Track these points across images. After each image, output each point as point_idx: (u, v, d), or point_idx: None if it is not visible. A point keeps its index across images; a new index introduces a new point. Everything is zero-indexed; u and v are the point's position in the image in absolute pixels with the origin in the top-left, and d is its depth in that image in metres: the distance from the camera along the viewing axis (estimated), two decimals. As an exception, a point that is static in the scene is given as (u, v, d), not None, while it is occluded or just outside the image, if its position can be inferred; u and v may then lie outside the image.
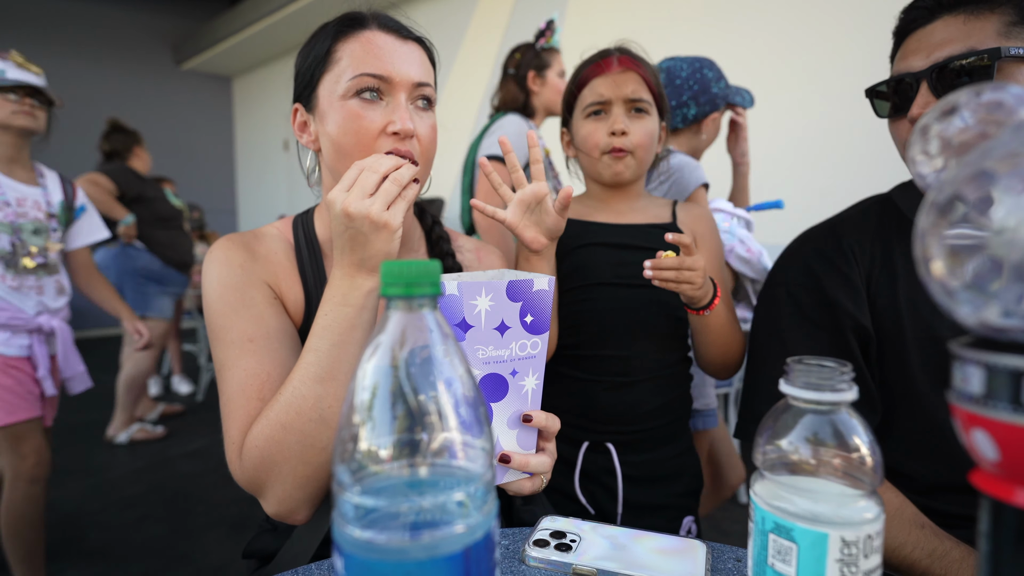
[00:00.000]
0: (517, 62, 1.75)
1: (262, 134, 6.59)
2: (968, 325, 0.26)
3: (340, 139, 0.65)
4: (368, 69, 0.65)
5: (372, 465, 0.29)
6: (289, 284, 0.71)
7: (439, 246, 0.83)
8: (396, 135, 0.65)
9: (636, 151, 0.90)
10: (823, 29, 2.75)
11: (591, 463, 0.91)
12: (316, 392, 0.57)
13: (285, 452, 0.58)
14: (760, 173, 2.98)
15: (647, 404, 0.91)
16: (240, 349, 0.63)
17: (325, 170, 0.71)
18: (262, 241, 0.72)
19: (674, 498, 0.93)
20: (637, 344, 0.91)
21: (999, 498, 0.25)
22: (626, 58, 0.91)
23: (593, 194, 0.99)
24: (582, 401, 0.92)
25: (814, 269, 0.74)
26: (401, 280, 0.30)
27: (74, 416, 3.25)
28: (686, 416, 0.98)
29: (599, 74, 0.91)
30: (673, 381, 0.94)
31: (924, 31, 0.67)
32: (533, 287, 0.58)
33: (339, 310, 0.59)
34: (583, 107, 0.92)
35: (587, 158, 0.93)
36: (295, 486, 0.59)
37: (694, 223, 0.97)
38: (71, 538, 1.94)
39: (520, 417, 0.62)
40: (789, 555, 0.33)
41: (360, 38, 0.67)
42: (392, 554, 0.28)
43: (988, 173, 0.24)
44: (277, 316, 0.67)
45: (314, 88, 0.68)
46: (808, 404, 0.33)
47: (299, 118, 0.72)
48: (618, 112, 0.89)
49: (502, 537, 0.58)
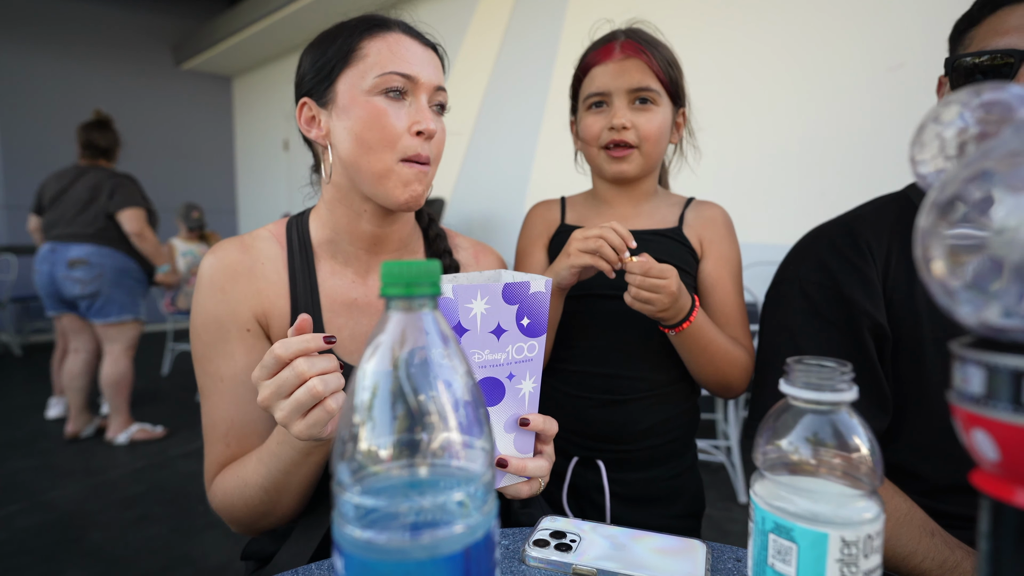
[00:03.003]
0: None
1: (262, 134, 6.59)
2: (968, 325, 0.26)
3: (364, 134, 0.66)
4: (397, 68, 0.67)
5: (372, 465, 0.29)
6: (274, 296, 0.71)
7: (436, 245, 0.83)
8: (420, 135, 0.67)
9: (643, 145, 0.83)
10: (823, 29, 2.75)
11: (580, 478, 0.88)
12: (263, 497, 0.63)
13: (239, 515, 0.66)
14: (760, 173, 2.99)
15: (640, 423, 0.85)
16: (213, 385, 0.69)
17: (338, 165, 0.71)
18: (251, 250, 0.72)
19: (670, 520, 0.87)
20: (628, 362, 0.85)
21: (999, 498, 0.25)
22: (630, 43, 0.83)
23: (599, 192, 0.93)
24: (572, 415, 0.87)
25: (829, 266, 0.71)
26: (401, 280, 0.30)
27: (74, 416, 3.25)
28: (690, 434, 0.91)
29: (600, 62, 0.84)
30: (670, 400, 0.87)
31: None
32: (530, 289, 0.57)
33: (288, 448, 0.60)
34: (584, 97, 0.86)
35: (588, 151, 0.89)
36: (253, 529, 0.69)
37: (703, 227, 0.88)
38: (71, 538, 1.94)
39: (517, 421, 0.61)
40: (789, 555, 0.33)
41: (387, 38, 0.68)
42: (392, 554, 0.28)
43: (989, 173, 0.24)
44: (247, 353, 0.69)
45: (332, 82, 0.69)
46: (808, 404, 0.33)
47: (307, 112, 0.71)
48: (620, 104, 0.82)
49: (502, 537, 0.58)
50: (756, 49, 2.96)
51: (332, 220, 0.74)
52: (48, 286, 2.75)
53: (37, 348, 5.33)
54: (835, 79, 2.70)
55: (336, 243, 0.75)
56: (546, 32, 3.86)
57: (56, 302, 2.79)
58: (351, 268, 0.76)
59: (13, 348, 5.12)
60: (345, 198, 0.73)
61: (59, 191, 2.77)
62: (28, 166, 5.30)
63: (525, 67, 4.00)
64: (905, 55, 2.44)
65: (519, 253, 0.97)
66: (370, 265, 0.77)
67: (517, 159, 4.02)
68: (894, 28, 2.47)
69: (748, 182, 3.04)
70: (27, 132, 5.50)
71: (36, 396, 3.71)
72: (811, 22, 2.78)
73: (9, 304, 5.02)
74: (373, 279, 0.77)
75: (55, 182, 2.80)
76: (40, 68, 5.60)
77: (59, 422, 3.11)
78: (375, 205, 0.73)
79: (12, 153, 5.44)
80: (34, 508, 2.14)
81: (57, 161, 3.66)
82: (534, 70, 3.90)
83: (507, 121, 4.12)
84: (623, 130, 0.82)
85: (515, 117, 4.05)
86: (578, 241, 0.74)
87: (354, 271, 0.76)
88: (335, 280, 0.75)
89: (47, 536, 1.95)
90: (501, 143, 4.16)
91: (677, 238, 0.88)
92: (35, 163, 5.29)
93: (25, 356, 5.02)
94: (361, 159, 0.67)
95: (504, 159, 4.13)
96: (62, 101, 5.69)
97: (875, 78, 2.56)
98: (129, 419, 2.89)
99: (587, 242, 0.72)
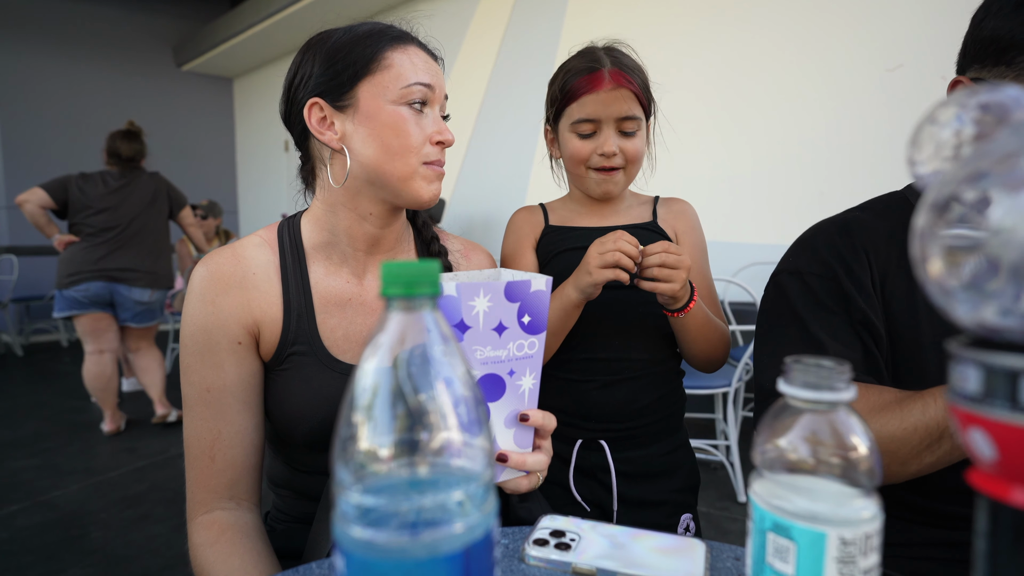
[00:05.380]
0: None
1: (263, 135, 6.59)
2: (965, 325, 0.26)
3: (391, 141, 0.69)
4: (423, 79, 0.70)
5: (372, 464, 0.29)
6: (265, 304, 0.71)
7: (431, 246, 0.83)
8: (441, 144, 0.72)
9: (628, 167, 0.90)
10: (822, 30, 2.75)
11: (585, 460, 0.92)
12: None
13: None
14: (758, 174, 2.99)
15: (639, 401, 0.91)
16: (198, 396, 0.68)
17: (355, 168, 0.71)
18: (242, 260, 0.72)
19: (671, 494, 0.93)
20: (625, 345, 0.90)
21: (996, 497, 0.25)
22: (617, 72, 0.87)
23: (576, 198, 0.99)
24: (573, 400, 0.92)
25: (828, 261, 0.72)
26: (401, 280, 0.30)
27: (75, 415, 3.26)
28: (680, 412, 0.98)
29: (589, 91, 0.87)
30: (664, 378, 0.93)
31: None
32: (531, 287, 0.58)
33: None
34: (571, 121, 0.89)
35: (574, 170, 0.93)
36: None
37: (675, 219, 0.96)
38: (72, 537, 1.94)
39: (517, 416, 0.62)
40: (787, 554, 0.33)
41: (408, 50, 0.71)
42: (392, 553, 0.28)
43: (985, 173, 0.24)
44: (237, 366, 0.69)
45: (351, 88, 0.69)
46: (806, 404, 0.33)
47: (318, 113, 0.71)
48: (609, 132, 0.87)
49: (501, 536, 0.58)
50: (754, 49, 2.96)
51: (331, 222, 0.75)
52: (101, 289, 2.80)
53: (38, 348, 5.34)
54: (833, 80, 2.70)
55: (333, 244, 0.75)
56: (546, 33, 3.86)
57: (92, 304, 2.81)
58: (347, 268, 0.76)
59: (14, 348, 5.13)
60: (352, 201, 0.73)
61: (106, 193, 2.83)
62: (29, 167, 5.31)
63: (525, 68, 4.01)
64: (904, 56, 2.44)
65: (506, 256, 0.99)
66: (367, 264, 0.77)
67: (517, 160, 4.02)
68: (893, 29, 2.47)
69: (746, 183, 3.04)
70: (28, 133, 5.51)
71: (37, 396, 3.72)
72: (810, 23, 2.78)
73: (10, 304, 5.03)
74: (368, 278, 0.78)
75: (99, 185, 2.84)
76: (41, 69, 5.61)
77: (65, 421, 3.12)
78: (383, 208, 0.74)
79: (12, 154, 5.44)
80: (35, 507, 2.15)
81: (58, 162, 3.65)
82: (534, 71, 3.90)
83: (507, 122, 4.12)
84: (612, 156, 0.88)
85: (515, 118, 4.06)
86: (596, 257, 0.78)
87: (350, 270, 0.76)
88: (330, 280, 0.75)
89: (48, 535, 1.95)
90: (501, 144, 4.16)
91: (655, 230, 0.95)
92: (36, 164, 5.30)
93: (26, 356, 5.03)
94: (386, 164, 0.69)
95: (504, 160, 4.13)
96: (63, 102, 5.70)
97: (873, 79, 2.56)
98: (117, 413, 2.99)
99: (605, 257, 0.77)
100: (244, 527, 0.67)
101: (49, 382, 4.10)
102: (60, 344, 5.54)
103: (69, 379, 4.08)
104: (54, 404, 3.49)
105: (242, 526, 0.67)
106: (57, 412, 3.32)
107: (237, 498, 0.69)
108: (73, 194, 2.79)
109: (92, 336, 2.85)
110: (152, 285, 2.92)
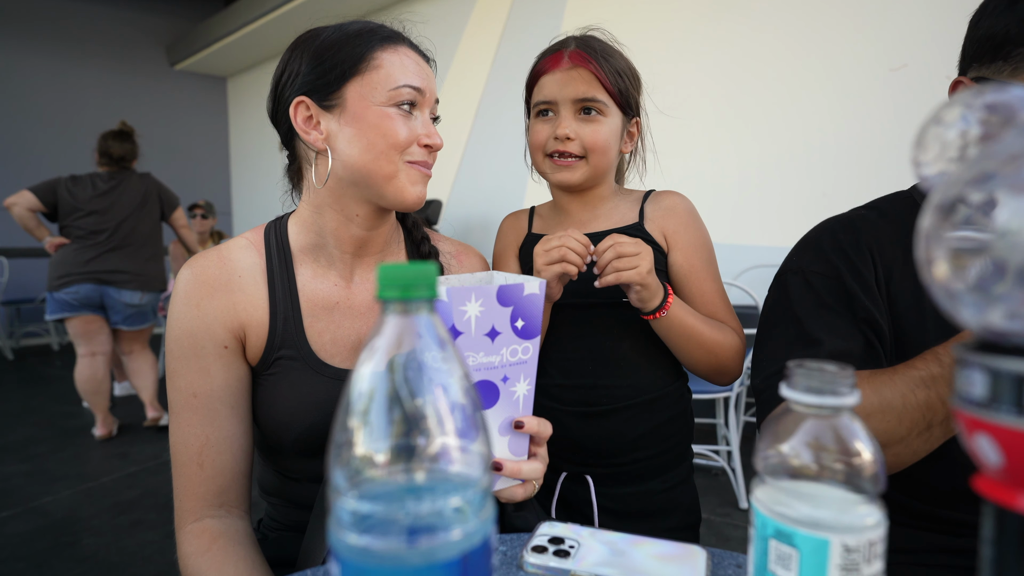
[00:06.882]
0: None
1: (257, 135, 6.57)
2: (971, 328, 0.26)
3: (377, 141, 0.68)
4: (412, 82, 0.69)
5: (368, 470, 0.29)
6: (251, 308, 0.71)
7: (421, 247, 0.82)
8: (428, 147, 0.71)
9: (590, 156, 0.83)
10: (826, 30, 2.76)
11: (570, 492, 0.86)
12: None
13: None
14: (762, 175, 2.99)
15: (626, 435, 0.83)
16: (185, 401, 0.67)
17: (339, 169, 0.70)
18: (228, 263, 0.71)
19: (664, 533, 0.84)
20: (604, 371, 0.83)
21: (1003, 504, 0.25)
22: (578, 53, 0.82)
23: (557, 200, 0.93)
24: (555, 431, 0.84)
25: (833, 260, 0.72)
26: (398, 283, 0.30)
27: (66, 420, 3.23)
28: (684, 443, 0.89)
29: (549, 70, 0.83)
30: (656, 408, 0.84)
31: None
32: (524, 291, 0.57)
33: None
34: (533, 104, 0.86)
35: (534, 158, 0.88)
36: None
37: (664, 218, 0.87)
38: (63, 543, 1.92)
39: (512, 423, 0.61)
40: (790, 561, 0.32)
41: (399, 51, 0.70)
42: (389, 560, 0.27)
43: (992, 175, 0.24)
44: (224, 370, 0.68)
45: (339, 87, 0.68)
46: (809, 409, 0.33)
47: (304, 112, 0.69)
48: (565, 114, 0.82)
49: (500, 543, 0.58)
50: (757, 50, 2.96)
51: (318, 224, 0.73)
52: (91, 291, 2.78)
53: (29, 352, 5.29)
54: (838, 80, 2.70)
55: (320, 247, 0.74)
56: (544, 33, 3.84)
57: (82, 307, 2.78)
58: (335, 271, 0.75)
59: (5, 352, 5.07)
60: (337, 202, 0.72)
61: (95, 195, 2.80)
62: (19, 168, 5.25)
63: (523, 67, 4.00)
64: (908, 56, 2.44)
65: (494, 263, 0.97)
66: (354, 267, 0.76)
67: (515, 160, 4.00)
68: (897, 29, 2.47)
69: (750, 184, 3.04)
70: (17, 133, 5.45)
71: (28, 400, 3.68)
72: (814, 23, 2.78)
73: (0, 307, 4.98)
74: (356, 281, 0.77)
75: (88, 187, 2.81)
76: (33, 68, 5.57)
77: (56, 426, 3.09)
78: (369, 209, 0.72)
79: (3, 153, 5.39)
80: (26, 514, 2.12)
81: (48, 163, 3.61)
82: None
83: (504, 122, 4.12)
84: (567, 140, 0.82)
85: (512, 118, 4.04)
86: (541, 256, 0.75)
87: (338, 273, 0.76)
88: (317, 283, 0.74)
89: (40, 542, 1.93)
90: (498, 144, 4.16)
91: (638, 234, 0.86)
92: (26, 165, 5.24)
93: (17, 359, 4.98)
94: (371, 163, 0.68)
95: (501, 160, 4.12)
96: (55, 102, 5.65)
97: (878, 79, 2.56)
98: (108, 416, 2.97)
99: (550, 254, 0.74)
100: (236, 535, 0.66)
101: (40, 386, 4.06)
102: (51, 348, 5.48)
103: (60, 383, 4.03)
104: (45, 409, 3.45)
105: (233, 534, 0.65)
106: (48, 417, 3.28)
107: (227, 505, 0.68)
108: (62, 197, 2.77)
109: (84, 339, 2.82)
110: (142, 288, 2.90)
